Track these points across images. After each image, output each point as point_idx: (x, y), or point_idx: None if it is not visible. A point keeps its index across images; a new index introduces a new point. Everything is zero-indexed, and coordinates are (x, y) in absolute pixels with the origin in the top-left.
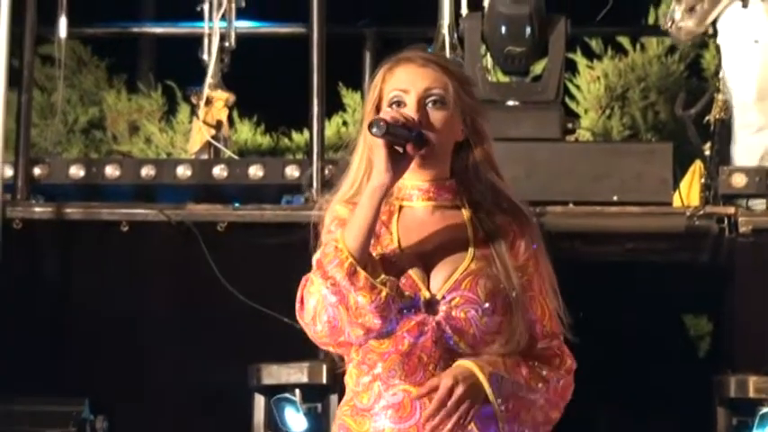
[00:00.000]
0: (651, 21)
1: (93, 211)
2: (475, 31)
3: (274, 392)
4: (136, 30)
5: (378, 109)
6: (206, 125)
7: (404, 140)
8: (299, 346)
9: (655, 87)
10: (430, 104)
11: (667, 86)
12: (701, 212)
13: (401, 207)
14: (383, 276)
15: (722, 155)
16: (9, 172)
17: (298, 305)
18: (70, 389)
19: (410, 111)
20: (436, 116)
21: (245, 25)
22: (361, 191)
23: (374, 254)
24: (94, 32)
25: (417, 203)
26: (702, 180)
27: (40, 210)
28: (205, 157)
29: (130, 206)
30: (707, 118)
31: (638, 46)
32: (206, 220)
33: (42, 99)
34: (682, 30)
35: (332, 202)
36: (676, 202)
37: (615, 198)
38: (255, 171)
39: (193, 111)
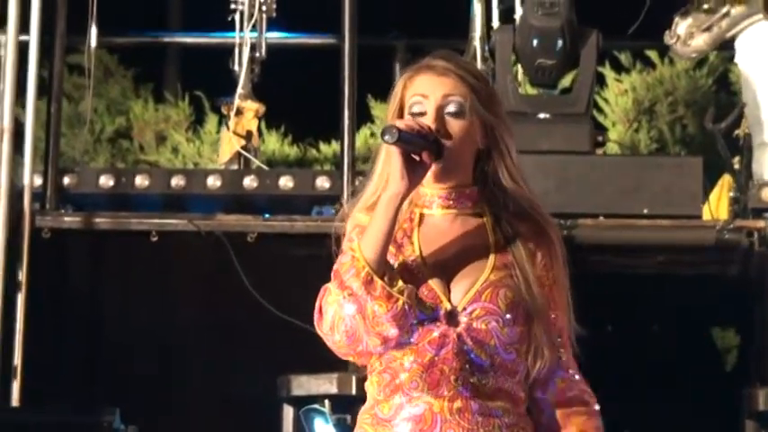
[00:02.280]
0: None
1: (123, 220)
2: (506, 43)
3: (303, 403)
4: (166, 39)
5: (400, 116)
6: (236, 135)
7: (419, 148)
8: (328, 357)
9: (683, 101)
10: (450, 113)
11: (695, 100)
12: (731, 226)
13: (422, 215)
14: (400, 285)
15: (751, 169)
16: (38, 181)
17: (316, 315)
18: (100, 398)
19: (429, 117)
20: (454, 124)
21: (274, 36)
22: None
23: (396, 264)
24: (125, 42)
25: (438, 211)
26: (731, 194)
27: (70, 219)
28: (235, 167)
29: (160, 216)
30: (735, 132)
31: (666, 59)
32: (236, 230)
33: (69, 108)
34: (690, 47)
35: (353, 210)
36: (705, 216)
37: (645, 211)
38: (286, 182)
39: (223, 121)
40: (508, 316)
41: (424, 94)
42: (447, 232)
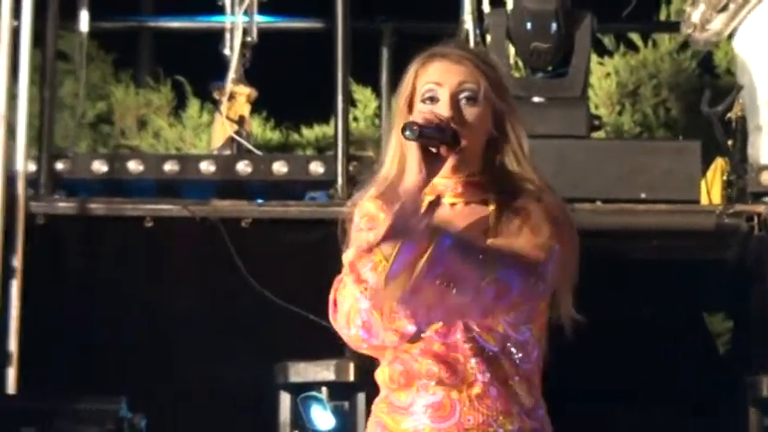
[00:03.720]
0: (663, 17)
1: (117, 206)
2: (500, 27)
3: (301, 390)
4: (151, 24)
5: (410, 104)
6: (229, 120)
7: (437, 142)
8: (325, 343)
9: (666, 84)
10: (463, 100)
11: (679, 83)
12: (731, 210)
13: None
14: None
15: (745, 153)
16: (32, 167)
17: (331, 308)
18: (97, 386)
19: (443, 105)
20: (469, 112)
21: (261, 20)
22: (393, 188)
23: None
24: (112, 27)
25: (447, 200)
26: (724, 177)
27: (64, 205)
28: (228, 152)
29: (154, 202)
30: (728, 115)
31: (649, 42)
32: (231, 216)
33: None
34: (709, 32)
35: (362, 199)
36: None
37: (643, 196)
38: (279, 167)
39: (204, 106)
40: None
41: (439, 81)
42: (452, 221)
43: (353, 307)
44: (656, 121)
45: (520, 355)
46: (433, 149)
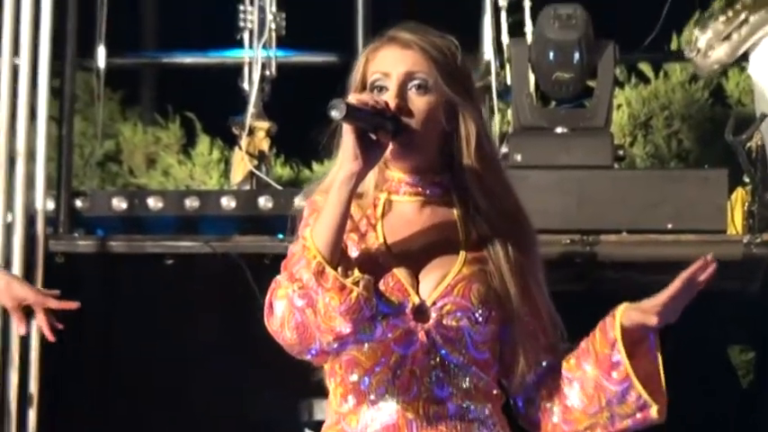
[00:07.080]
0: (674, 47)
1: (137, 243)
2: (522, 57)
3: None
4: (165, 60)
5: (362, 92)
6: (248, 155)
7: (373, 125)
8: None
9: (678, 115)
10: (412, 89)
11: (691, 114)
12: (758, 240)
13: (388, 202)
14: (356, 275)
15: (766, 182)
16: (50, 205)
17: (266, 311)
18: (118, 425)
19: (390, 94)
20: (417, 102)
21: (279, 54)
22: None
23: (359, 253)
24: (128, 64)
25: (405, 198)
26: (745, 207)
27: (83, 243)
28: (247, 187)
29: (175, 239)
30: (748, 144)
31: (660, 73)
32: (252, 252)
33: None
34: (710, 59)
35: (313, 194)
36: None
37: (670, 226)
38: (301, 201)
39: (214, 143)
40: (480, 312)
41: (386, 71)
42: (414, 221)
43: (287, 308)
44: (668, 153)
45: (480, 368)
46: (373, 135)
